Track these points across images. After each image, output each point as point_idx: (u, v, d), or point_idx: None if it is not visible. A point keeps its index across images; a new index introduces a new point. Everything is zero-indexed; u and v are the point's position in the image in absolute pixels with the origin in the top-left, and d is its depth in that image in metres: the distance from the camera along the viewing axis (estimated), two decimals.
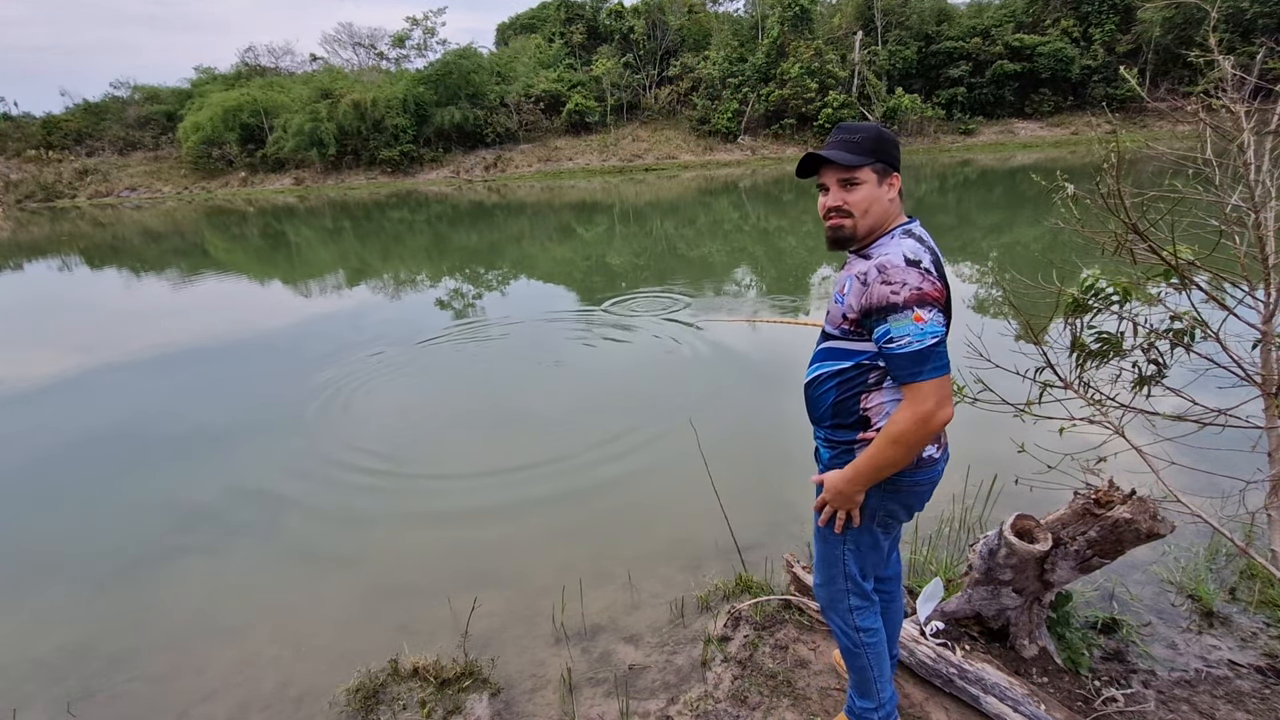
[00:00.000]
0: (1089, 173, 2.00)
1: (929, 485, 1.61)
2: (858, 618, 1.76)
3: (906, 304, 1.35)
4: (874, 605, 1.78)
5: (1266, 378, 1.87)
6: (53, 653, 2.86)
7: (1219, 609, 2.51)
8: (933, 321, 1.36)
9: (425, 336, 7.56)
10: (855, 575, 1.72)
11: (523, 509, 3.83)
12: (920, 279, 1.37)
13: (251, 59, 40.59)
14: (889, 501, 1.60)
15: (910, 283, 1.36)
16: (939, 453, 1.60)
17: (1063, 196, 1.95)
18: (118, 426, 5.37)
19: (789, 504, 3.56)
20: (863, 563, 1.71)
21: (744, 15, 38.68)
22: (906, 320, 1.35)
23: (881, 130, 1.50)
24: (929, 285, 1.37)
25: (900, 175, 1.52)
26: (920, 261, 1.39)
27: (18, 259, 17.20)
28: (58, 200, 33.81)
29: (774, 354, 6.25)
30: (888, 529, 1.67)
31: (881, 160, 1.47)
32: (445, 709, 2.30)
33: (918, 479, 1.58)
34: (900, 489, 1.58)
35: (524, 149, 35.18)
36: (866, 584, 1.75)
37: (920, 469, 1.57)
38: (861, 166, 1.47)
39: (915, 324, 1.35)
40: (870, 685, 1.82)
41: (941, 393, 1.38)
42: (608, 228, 16.82)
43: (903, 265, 1.38)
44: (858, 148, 1.47)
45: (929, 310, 1.36)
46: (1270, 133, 1.86)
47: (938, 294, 1.38)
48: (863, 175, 1.47)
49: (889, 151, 1.48)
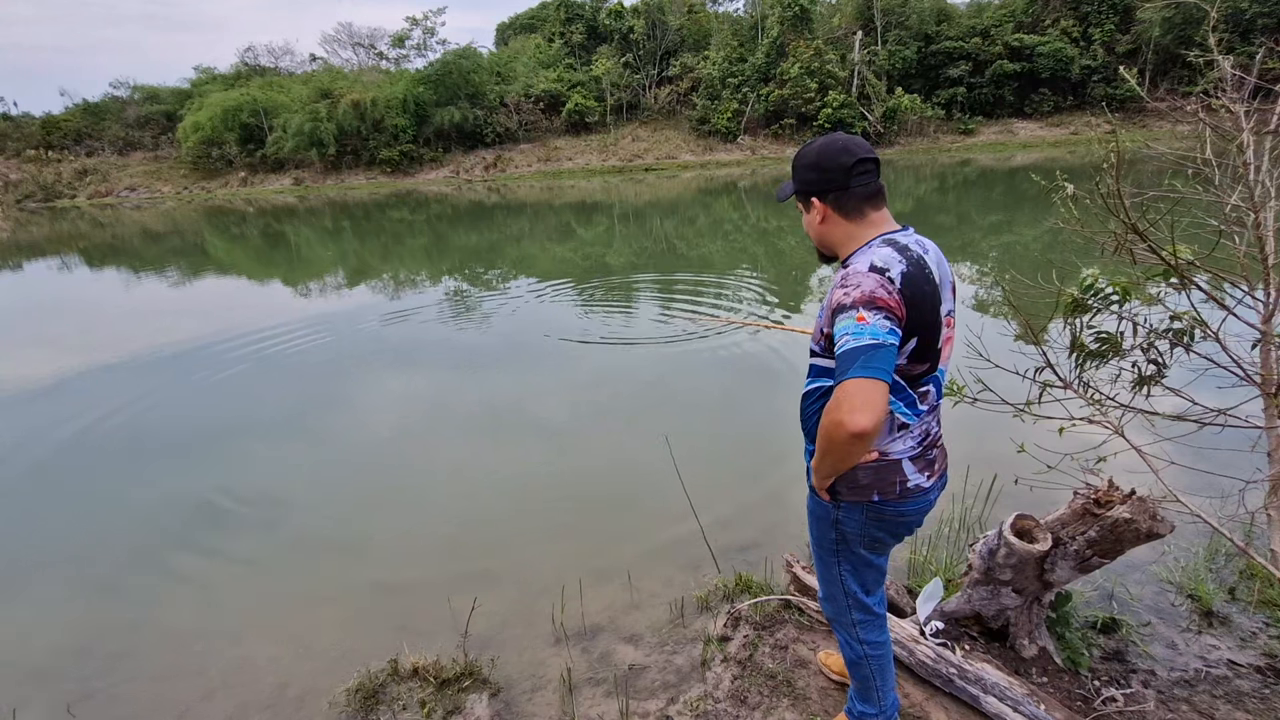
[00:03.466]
0: (1089, 173, 2.00)
1: (916, 515, 1.56)
2: (862, 631, 1.75)
3: (854, 304, 1.32)
4: (879, 620, 1.77)
5: (1266, 378, 1.87)
6: (53, 653, 2.86)
7: (1218, 609, 2.51)
8: (874, 325, 1.29)
9: (425, 337, 7.56)
10: (856, 592, 1.70)
11: (522, 509, 3.83)
12: (875, 284, 1.32)
13: (251, 59, 40.58)
14: (873, 529, 1.56)
15: (864, 286, 1.33)
16: (929, 481, 1.54)
17: (1062, 196, 1.95)
18: (118, 426, 5.36)
19: (789, 504, 3.56)
20: (862, 580, 1.69)
21: (744, 15, 38.64)
22: (850, 319, 1.31)
23: (801, 154, 1.49)
24: (882, 291, 1.31)
25: (827, 195, 1.45)
26: (887, 270, 1.34)
27: (17, 259, 17.19)
28: (57, 200, 33.77)
29: (775, 354, 6.25)
30: (877, 550, 1.65)
31: (799, 190, 1.50)
32: (445, 709, 2.30)
33: (903, 509, 1.53)
34: (884, 518, 1.54)
35: (524, 149, 35.17)
36: (870, 599, 1.72)
37: (906, 499, 1.52)
38: (788, 198, 1.54)
39: (855, 323, 1.30)
40: (872, 693, 1.82)
41: (859, 398, 1.25)
42: (607, 228, 16.82)
43: (864, 271, 1.35)
44: (792, 178, 1.52)
45: (874, 313, 1.30)
46: (1270, 133, 1.86)
47: (889, 301, 1.31)
48: (800, 205, 1.53)
49: (804, 177, 1.48)
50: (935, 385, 1.52)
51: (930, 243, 1.51)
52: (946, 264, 1.53)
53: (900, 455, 1.50)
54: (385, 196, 28.01)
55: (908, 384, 1.46)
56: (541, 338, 7.18)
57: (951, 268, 1.58)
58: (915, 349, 1.41)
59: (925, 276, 1.39)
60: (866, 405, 1.25)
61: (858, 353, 1.27)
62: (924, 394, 1.49)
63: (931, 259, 1.45)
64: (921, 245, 1.45)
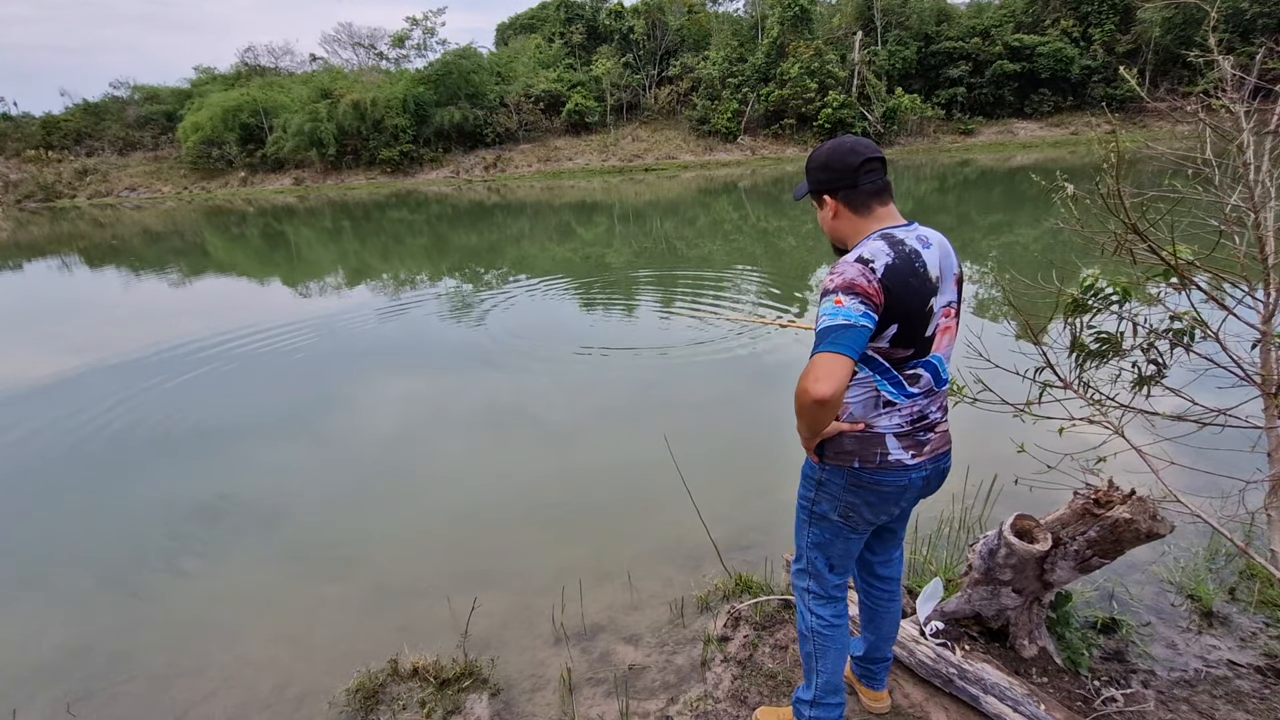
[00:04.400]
0: (1089, 173, 2.00)
1: (894, 489, 1.60)
2: (814, 602, 1.80)
3: (835, 289, 1.42)
4: (831, 601, 1.79)
5: (1266, 378, 1.87)
6: (53, 653, 2.86)
7: (1219, 609, 2.51)
8: (849, 307, 1.39)
9: (426, 337, 7.56)
10: (817, 559, 1.76)
11: (523, 509, 3.83)
12: (857, 273, 1.42)
13: (251, 59, 40.55)
14: (850, 495, 1.63)
15: (846, 274, 1.42)
16: (912, 459, 1.59)
17: (1062, 196, 1.95)
18: (118, 426, 5.37)
19: (790, 504, 3.53)
20: (828, 552, 1.74)
21: (744, 15, 38.66)
22: (829, 302, 1.42)
23: (813, 156, 1.61)
24: (862, 280, 1.41)
25: (838, 193, 1.55)
26: (871, 261, 1.43)
27: (17, 259, 17.19)
28: (57, 200, 33.77)
29: (775, 354, 6.25)
30: (851, 523, 1.67)
31: (811, 189, 1.61)
32: (445, 709, 2.30)
33: (880, 479, 1.59)
34: (861, 485, 1.60)
35: (524, 149, 35.17)
36: (830, 574, 1.76)
37: (884, 470, 1.58)
38: (804, 197, 1.65)
39: (833, 305, 1.41)
40: (811, 676, 1.84)
41: (822, 369, 1.37)
42: (607, 228, 16.82)
43: (851, 261, 1.45)
44: (805, 179, 1.64)
45: (851, 297, 1.40)
46: (1270, 133, 1.86)
47: (867, 289, 1.40)
48: (814, 203, 1.64)
49: (816, 177, 1.59)
50: (930, 370, 1.57)
51: (937, 237, 1.56)
52: (954, 257, 1.58)
53: (885, 430, 1.58)
54: (385, 197, 28.01)
55: (893, 366, 1.54)
56: (542, 337, 7.18)
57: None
58: (897, 334, 1.49)
59: (913, 269, 1.46)
60: (828, 375, 1.37)
61: (829, 331, 1.39)
62: (912, 377, 1.56)
63: (932, 254, 1.51)
64: (922, 240, 1.51)
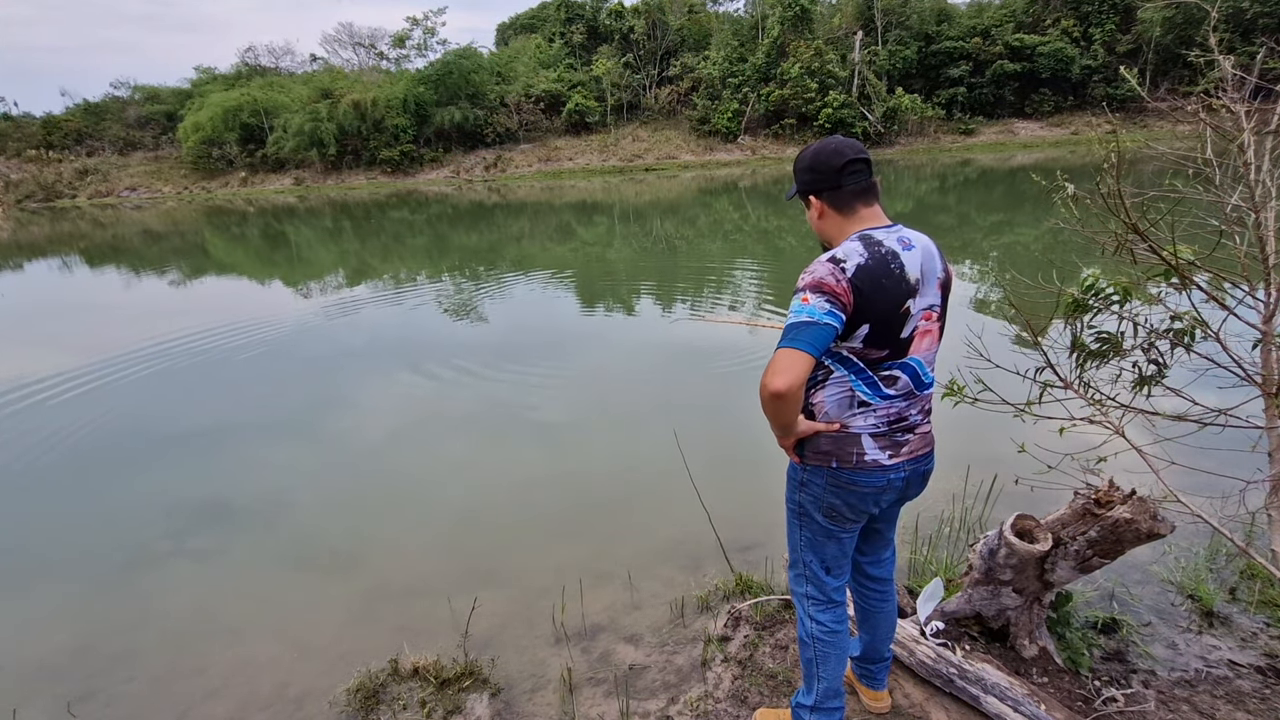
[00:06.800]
0: (1089, 173, 2.00)
1: (872, 489, 1.60)
2: (813, 608, 1.79)
3: (804, 287, 1.44)
4: (831, 605, 1.78)
5: (1266, 378, 1.87)
6: (53, 653, 2.86)
7: (1219, 609, 2.51)
8: (814, 305, 1.41)
9: (426, 337, 7.56)
10: (812, 563, 1.76)
11: (523, 509, 3.83)
12: (826, 272, 1.44)
13: (251, 59, 40.58)
14: (830, 495, 1.64)
15: (817, 273, 1.45)
16: (890, 460, 1.58)
17: (1063, 196, 1.95)
18: (118, 425, 5.37)
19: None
20: (821, 553, 1.74)
21: (744, 15, 38.65)
22: (796, 299, 1.45)
23: (800, 157, 1.62)
24: (831, 279, 1.43)
25: (823, 194, 1.57)
26: (843, 261, 1.44)
27: (18, 259, 17.19)
28: (58, 200, 33.79)
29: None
30: (835, 522, 1.68)
31: (800, 190, 1.63)
32: (445, 709, 2.30)
33: (856, 479, 1.59)
34: (841, 484, 1.61)
35: (524, 149, 35.17)
36: (827, 577, 1.75)
37: (861, 470, 1.58)
38: (793, 198, 1.67)
39: (800, 303, 1.43)
40: (812, 681, 1.83)
41: (781, 364, 1.40)
42: (608, 227, 16.82)
43: (824, 260, 1.47)
44: (794, 180, 1.66)
45: (818, 296, 1.42)
46: (1270, 133, 1.86)
47: (836, 288, 1.42)
48: (804, 203, 1.65)
49: (803, 178, 1.61)
50: (908, 373, 1.57)
51: (922, 240, 1.55)
52: (939, 261, 1.56)
53: (861, 430, 1.58)
54: (385, 196, 28.01)
55: (868, 366, 1.55)
56: (542, 336, 7.18)
57: (953, 267, 1.58)
58: (869, 335, 1.50)
59: (887, 270, 1.47)
60: (785, 370, 1.40)
61: (792, 327, 1.42)
62: (889, 378, 1.56)
63: (913, 256, 1.51)
64: (904, 242, 1.51)
